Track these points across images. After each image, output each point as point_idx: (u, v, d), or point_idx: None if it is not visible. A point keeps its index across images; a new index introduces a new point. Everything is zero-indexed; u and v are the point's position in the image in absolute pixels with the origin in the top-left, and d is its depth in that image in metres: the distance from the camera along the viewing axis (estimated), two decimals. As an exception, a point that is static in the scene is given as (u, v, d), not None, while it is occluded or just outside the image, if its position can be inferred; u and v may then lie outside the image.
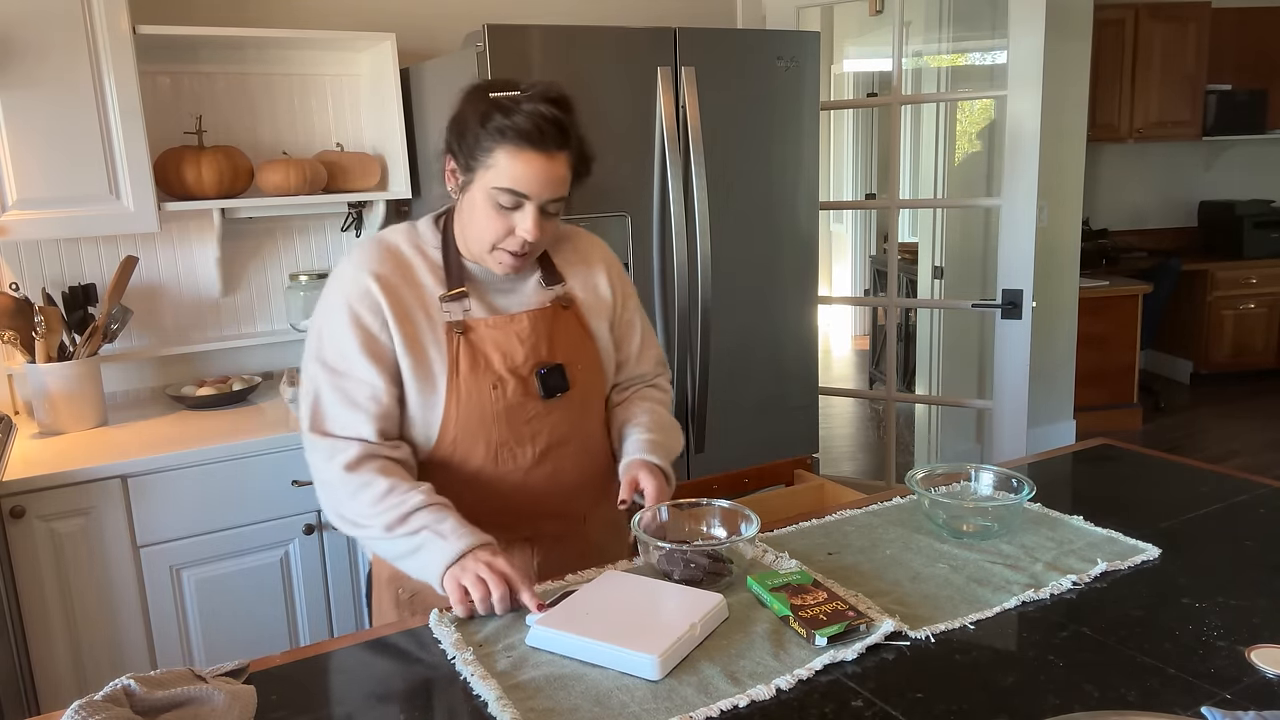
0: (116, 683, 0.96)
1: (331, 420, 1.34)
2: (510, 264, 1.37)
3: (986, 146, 4.09)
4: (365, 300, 1.34)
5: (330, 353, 1.35)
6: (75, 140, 2.11)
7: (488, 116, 1.29)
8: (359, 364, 1.33)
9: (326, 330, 1.36)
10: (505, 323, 1.40)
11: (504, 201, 1.31)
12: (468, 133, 1.31)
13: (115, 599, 2.04)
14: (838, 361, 6.88)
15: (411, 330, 1.35)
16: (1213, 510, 1.51)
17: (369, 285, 1.34)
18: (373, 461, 1.32)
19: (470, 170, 1.32)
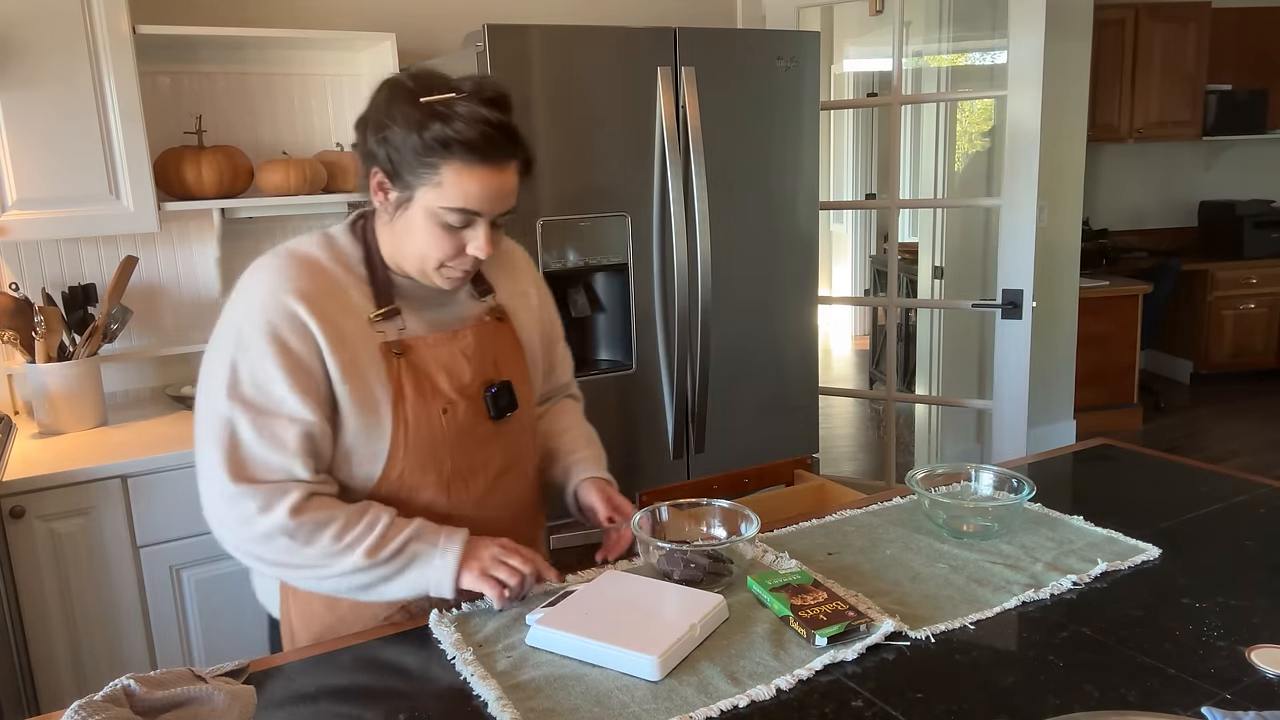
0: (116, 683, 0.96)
1: (259, 465, 1.16)
2: (457, 281, 1.25)
3: (986, 146, 4.09)
4: (290, 323, 1.16)
5: (249, 388, 1.16)
6: (75, 140, 2.11)
7: (424, 125, 1.13)
8: (287, 399, 1.16)
9: (242, 361, 1.16)
10: (448, 339, 1.27)
11: (453, 221, 1.18)
12: (402, 145, 1.15)
13: (115, 599, 2.04)
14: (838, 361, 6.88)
15: (348, 355, 1.19)
16: (1213, 510, 1.51)
17: (293, 306, 1.16)
18: (317, 499, 1.18)
19: (409, 188, 1.17)
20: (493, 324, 1.35)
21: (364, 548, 1.17)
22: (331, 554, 1.17)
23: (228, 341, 1.19)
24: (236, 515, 1.16)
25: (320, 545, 1.16)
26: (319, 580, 1.19)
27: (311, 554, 1.17)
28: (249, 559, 1.20)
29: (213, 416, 1.17)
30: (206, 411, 1.19)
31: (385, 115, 1.17)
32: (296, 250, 1.23)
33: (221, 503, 1.17)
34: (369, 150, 1.20)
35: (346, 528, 1.17)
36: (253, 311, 1.18)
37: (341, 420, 1.20)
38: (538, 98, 2.24)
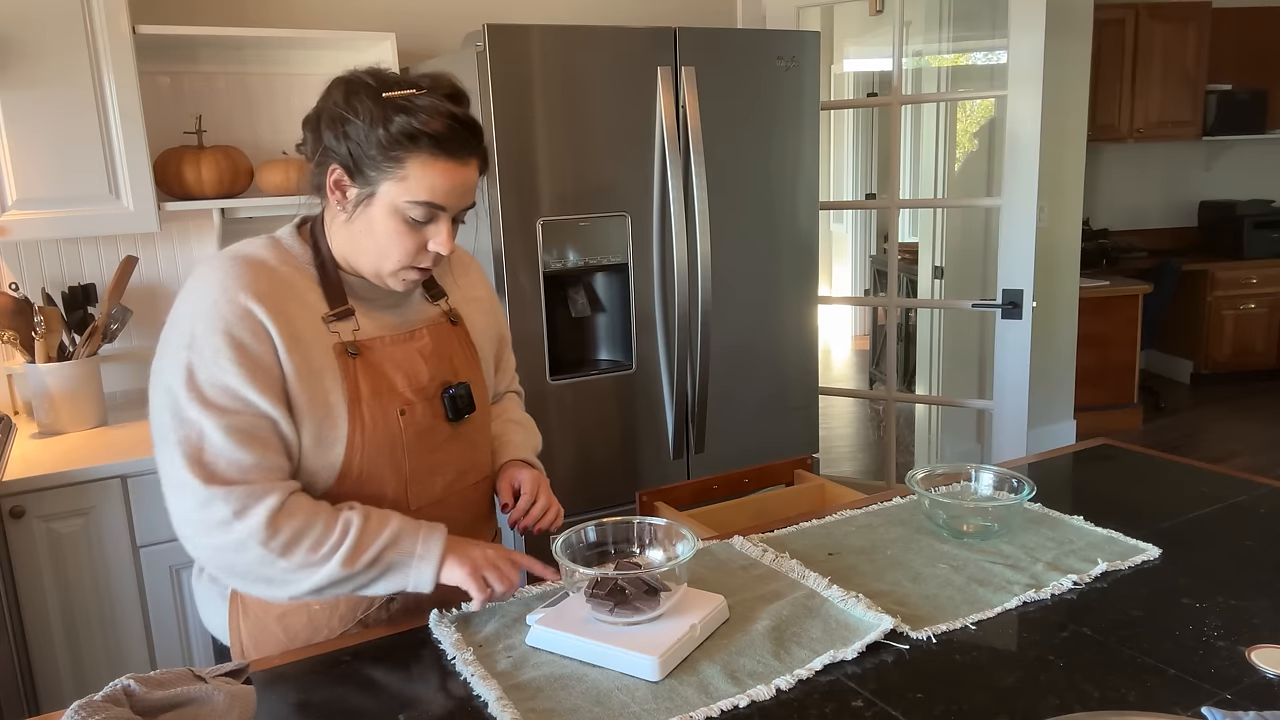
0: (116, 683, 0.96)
1: (229, 465, 1.11)
2: (414, 281, 1.23)
3: (986, 146, 4.09)
4: (246, 324, 1.13)
5: (211, 390, 1.12)
6: (75, 140, 2.11)
7: (389, 119, 1.12)
8: (251, 397, 1.12)
9: (197, 363, 1.12)
10: (405, 339, 1.26)
11: (417, 215, 1.16)
12: (365, 140, 1.13)
13: (115, 599, 2.04)
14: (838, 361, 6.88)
15: (303, 356, 1.16)
16: (1213, 510, 1.51)
17: (249, 306, 1.13)
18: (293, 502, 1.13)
19: (371, 184, 1.15)
20: (448, 326, 1.34)
21: (339, 557, 1.13)
22: (306, 566, 1.12)
23: (178, 345, 1.14)
24: (209, 521, 1.11)
25: (295, 558, 1.12)
26: (291, 591, 1.14)
27: (285, 566, 1.12)
28: (220, 569, 1.16)
29: (173, 422, 1.13)
30: (165, 418, 1.14)
31: (345, 110, 1.15)
32: (244, 252, 1.20)
33: (194, 509, 1.11)
34: (326, 147, 1.17)
35: (323, 537, 1.13)
36: (205, 313, 1.14)
37: (298, 421, 1.17)
38: (538, 98, 2.24)
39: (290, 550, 1.11)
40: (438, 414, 1.27)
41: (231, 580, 1.19)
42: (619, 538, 1.27)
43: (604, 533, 1.26)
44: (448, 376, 1.29)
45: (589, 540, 1.25)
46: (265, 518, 1.10)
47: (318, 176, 1.20)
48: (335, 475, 1.20)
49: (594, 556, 1.25)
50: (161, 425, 1.15)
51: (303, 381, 1.16)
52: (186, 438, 1.12)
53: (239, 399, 1.12)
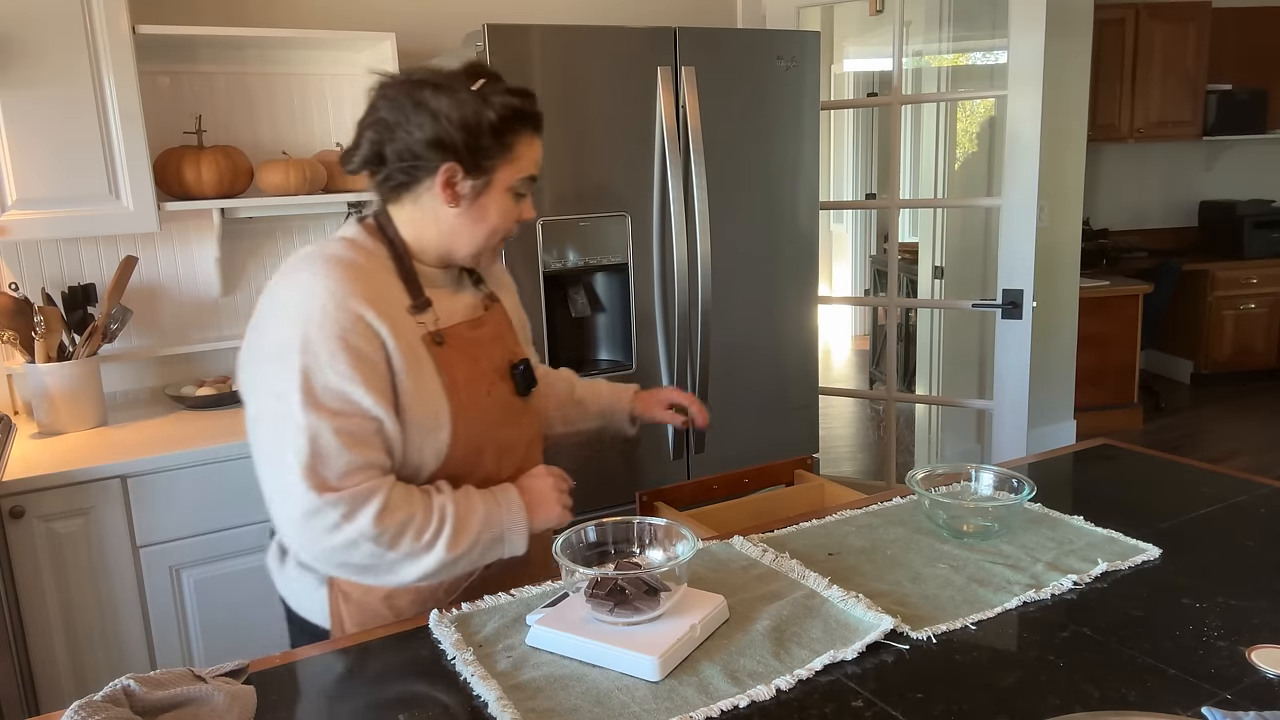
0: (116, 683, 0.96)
1: (341, 469, 1.16)
2: (496, 254, 1.37)
3: (986, 146, 4.09)
4: (358, 329, 1.18)
5: (325, 395, 1.16)
6: (75, 140, 2.11)
7: (496, 107, 1.22)
8: (364, 401, 1.17)
9: (314, 369, 1.15)
10: (473, 326, 1.34)
11: (522, 190, 1.30)
12: (481, 132, 1.22)
13: (115, 599, 2.04)
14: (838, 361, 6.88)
15: (407, 350, 1.22)
16: (1213, 510, 1.51)
17: (360, 311, 1.18)
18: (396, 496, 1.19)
19: (487, 171, 1.25)
20: (498, 309, 1.42)
21: (443, 543, 1.20)
22: (413, 554, 1.20)
23: (291, 352, 1.16)
24: (320, 527, 1.16)
25: (403, 548, 1.19)
26: (398, 576, 1.22)
27: (394, 557, 1.19)
28: (331, 568, 1.22)
29: (289, 429, 1.15)
30: (279, 425, 1.16)
31: (452, 109, 1.21)
32: (335, 254, 1.22)
33: (302, 516, 1.15)
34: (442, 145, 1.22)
35: (424, 526, 1.20)
36: (318, 319, 1.16)
37: (405, 413, 1.22)
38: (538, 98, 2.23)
39: (397, 542, 1.18)
40: (510, 390, 1.37)
41: (343, 574, 1.24)
42: (619, 538, 1.27)
43: (604, 533, 1.26)
44: (511, 355, 1.39)
45: (589, 540, 1.25)
46: (373, 516, 1.16)
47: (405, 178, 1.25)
48: (442, 459, 1.27)
49: (594, 556, 1.25)
50: (275, 432, 1.17)
51: (410, 375, 1.22)
52: (303, 444, 1.15)
53: (350, 402, 1.17)
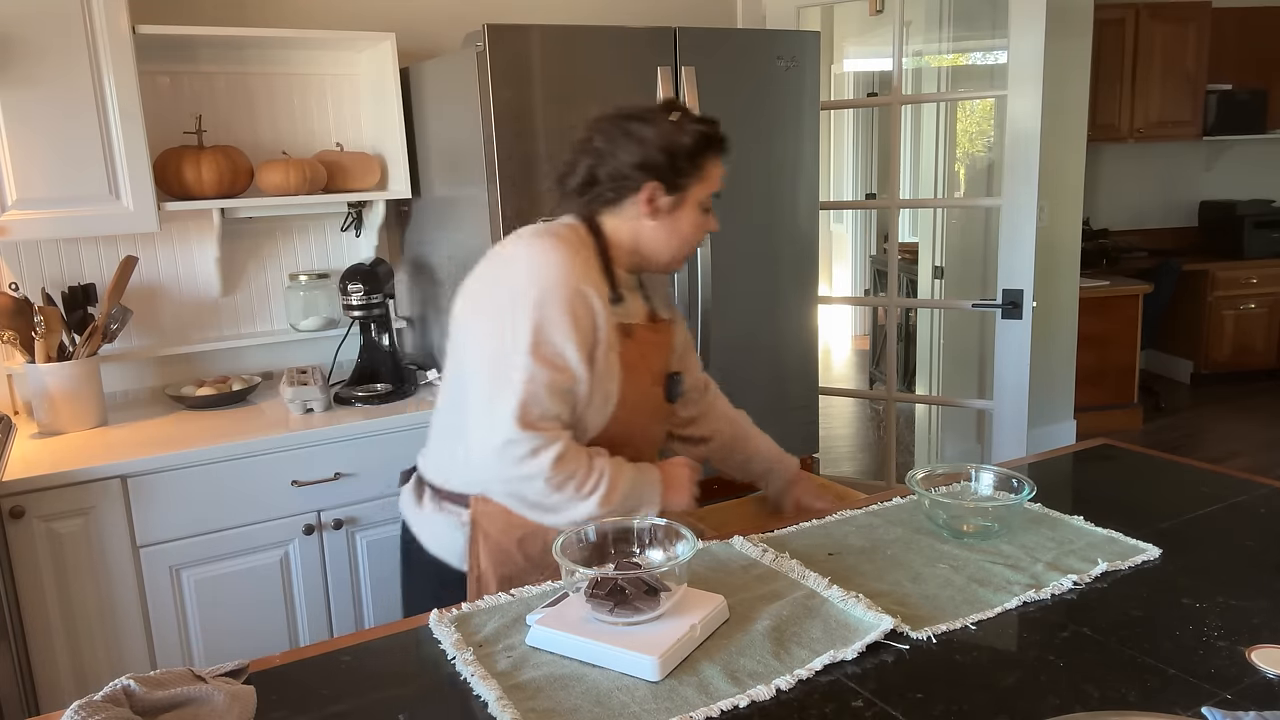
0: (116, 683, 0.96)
1: (542, 415, 1.36)
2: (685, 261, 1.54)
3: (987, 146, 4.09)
4: (583, 303, 1.38)
5: (549, 349, 1.36)
6: (75, 140, 2.11)
7: (690, 134, 1.42)
8: (576, 364, 1.38)
9: (546, 326, 1.36)
10: (651, 330, 1.52)
11: (709, 205, 1.48)
12: (679, 156, 1.42)
13: (115, 599, 2.04)
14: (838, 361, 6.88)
15: (609, 329, 1.42)
16: (1213, 510, 1.51)
17: (589, 295, 1.39)
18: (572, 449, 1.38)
19: (683, 189, 1.44)
20: (665, 324, 1.58)
21: (597, 499, 1.37)
22: (573, 500, 1.37)
23: (528, 305, 1.35)
24: (511, 457, 1.34)
25: (566, 493, 1.37)
26: (556, 517, 1.39)
27: (558, 499, 1.37)
28: (505, 495, 1.41)
29: (513, 369, 1.35)
30: (504, 363, 1.36)
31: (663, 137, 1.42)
32: (566, 239, 1.43)
33: (499, 444, 1.34)
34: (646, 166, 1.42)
35: (585, 480, 1.37)
36: (554, 287, 1.36)
37: (594, 382, 1.41)
38: (538, 98, 2.24)
39: (564, 487, 1.36)
40: (660, 394, 1.55)
41: (511, 504, 1.42)
42: (619, 538, 1.27)
43: (604, 533, 1.26)
44: (671, 364, 1.58)
45: (589, 540, 1.25)
46: (552, 459, 1.34)
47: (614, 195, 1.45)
48: (602, 429, 1.45)
49: (594, 556, 1.25)
50: (499, 368, 1.37)
51: (606, 351, 1.42)
52: (522, 384, 1.35)
53: (565, 361, 1.37)
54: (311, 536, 2.23)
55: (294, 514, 2.20)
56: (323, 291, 2.69)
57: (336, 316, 2.69)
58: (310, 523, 2.22)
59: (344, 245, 2.77)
